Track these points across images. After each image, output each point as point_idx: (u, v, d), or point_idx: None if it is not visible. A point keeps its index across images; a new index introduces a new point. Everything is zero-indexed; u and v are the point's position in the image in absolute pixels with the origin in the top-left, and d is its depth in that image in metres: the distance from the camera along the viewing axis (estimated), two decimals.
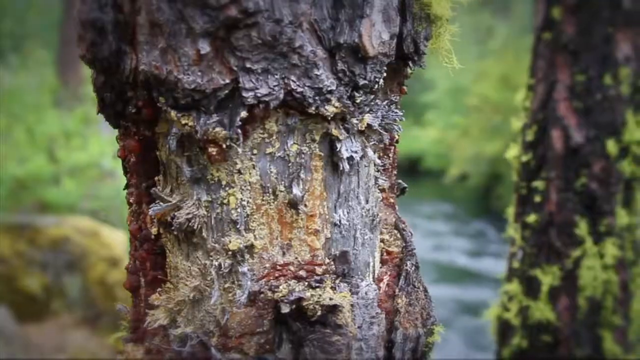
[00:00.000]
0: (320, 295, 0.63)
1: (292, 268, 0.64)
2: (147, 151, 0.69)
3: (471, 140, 12.84)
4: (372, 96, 0.66)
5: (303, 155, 0.64)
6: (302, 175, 0.64)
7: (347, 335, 0.64)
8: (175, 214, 0.65)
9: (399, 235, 0.75)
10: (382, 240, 0.74)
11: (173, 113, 0.62)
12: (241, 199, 0.64)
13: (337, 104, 0.62)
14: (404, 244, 0.74)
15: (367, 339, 0.66)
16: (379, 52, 0.63)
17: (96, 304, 4.28)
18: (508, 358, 1.30)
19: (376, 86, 0.65)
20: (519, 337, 1.29)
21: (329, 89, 0.62)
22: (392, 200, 0.76)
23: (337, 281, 0.65)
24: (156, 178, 0.69)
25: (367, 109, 0.65)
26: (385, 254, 0.74)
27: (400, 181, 0.78)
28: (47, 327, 3.97)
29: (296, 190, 0.63)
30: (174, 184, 0.67)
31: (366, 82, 0.63)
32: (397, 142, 0.76)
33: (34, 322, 3.97)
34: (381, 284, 0.71)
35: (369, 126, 0.65)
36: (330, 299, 0.63)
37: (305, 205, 0.64)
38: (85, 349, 3.95)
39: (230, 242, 0.63)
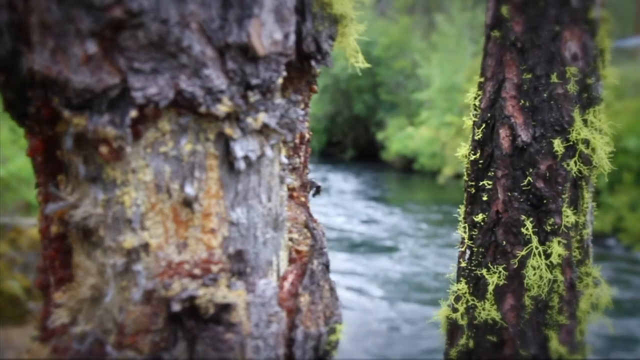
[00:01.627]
0: (213, 293, 0.63)
1: (186, 266, 0.65)
2: (52, 150, 0.70)
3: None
4: (270, 95, 0.66)
5: (197, 154, 0.64)
6: (196, 174, 0.64)
7: (241, 333, 0.64)
8: (72, 212, 0.65)
9: (309, 234, 0.76)
10: (291, 239, 0.75)
11: (66, 113, 0.62)
12: (136, 197, 0.64)
13: (228, 104, 0.63)
14: (312, 243, 0.74)
15: (266, 337, 0.67)
16: (271, 51, 0.63)
17: None
18: (455, 358, 1.31)
19: (273, 85, 0.65)
20: (465, 337, 1.29)
21: (219, 88, 0.62)
22: (303, 199, 0.77)
23: (233, 279, 0.65)
24: (59, 177, 0.69)
25: (263, 108, 0.65)
26: (294, 252, 0.75)
27: (313, 180, 0.78)
28: (29, 329, 3.98)
29: (190, 189, 0.64)
30: (75, 183, 0.67)
31: (259, 81, 0.64)
32: (308, 141, 0.76)
33: (16, 324, 3.98)
34: (285, 283, 0.71)
35: (265, 125, 0.66)
36: (224, 297, 0.63)
37: (201, 204, 0.65)
38: None
39: (125, 240, 0.64)
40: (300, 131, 0.75)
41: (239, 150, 0.64)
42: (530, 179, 1.28)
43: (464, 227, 1.37)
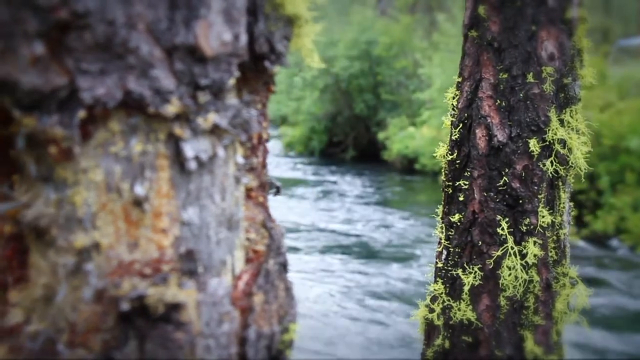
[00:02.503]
0: (163, 292, 0.64)
1: (137, 266, 0.65)
2: (6, 151, 0.70)
3: None
4: (221, 96, 0.66)
5: (147, 155, 0.65)
6: (147, 174, 0.65)
7: (191, 332, 0.65)
8: (24, 212, 0.66)
9: (267, 234, 0.76)
10: (248, 239, 0.75)
11: (17, 113, 0.63)
12: (87, 197, 0.64)
13: (177, 104, 0.63)
14: (269, 243, 0.75)
15: (217, 336, 0.67)
16: (221, 52, 0.64)
17: None
18: (431, 358, 1.31)
19: (224, 86, 0.66)
20: (441, 338, 1.29)
21: (168, 89, 0.63)
22: (261, 200, 0.77)
23: (184, 279, 0.66)
24: (13, 177, 0.70)
25: (214, 109, 0.66)
26: (251, 252, 0.75)
27: (272, 180, 0.79)
28: None
29: (139, 189, 0.64)
30: (28, 183, 0.68)
31: (209, 82, 0.64)
32: (266, 141, 0.77)
33: None
34: (240, 282, 0.71)
35: (216, 126, 0.66)
36: (174, 296, 0.64)
37: (151, 204, 0.65)
38: None
39: (76, 240, 0.64)
40: (258, 131, 0.75)
41: (189, 150, 0.65)
42: (506, 179, 1.28)
43: (441, 227, 1.37)
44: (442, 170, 1.38)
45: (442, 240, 1.34)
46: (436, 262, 1.35)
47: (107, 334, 0.65)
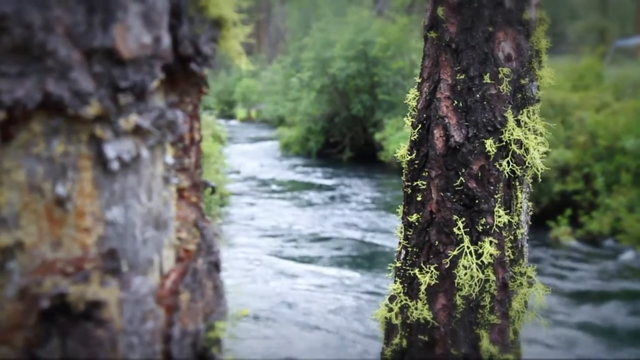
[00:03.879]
0: (84, 290, 0.65)
1: (60, 264, 0.66)
2: None
3: None
4: (144, 97, 0.68)
5: (70, 155, 0.66)
6: (69, 175, 0.66)
7: (112, 330, 0.66)
8: None
9: (198, 233, 0.77)
10: (179, 239, 0.76)
11: None
12: (10, 197, 0.66)
13: (97, 106, 0.64)
14: (199, 242, 0.76)
15: (141, 334, 0.68)
16: (140, 55, 0.65)
17: None
18: (390, 357, 1.32)
19: (146, 87, 0.67)
20: (399, 337, 1.31)
21: (87, 91, 0.64)
22: (194, 200, 0.78)
23: (107, 277, 0.67)
24: None
25: (135, 110, 0.67)
26: (182, 252, 0.76)
27: (207, 181, 0.80)
28: None
29: (61, 189, 0.65)
30: None
31: (129, 84, 0.65)
32: (199, 142, 0.78)
33: None
34: (167, 281, 0.73)
35: (138, 127, 0.67)
36: (95, 294, 0.65)
37: (74, 204, 0.66)
38: None
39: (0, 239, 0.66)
40: (184, 132, 0.76)
41: (110, 151, 0.66)
42: (463, 179, 1.29)
43: (401, 228, 1.38)
44: (403, 170, 1.39)
45: (401, 240, 1.36)
46: (395, 262, 1.37)
47: (29, 332, 0.66)
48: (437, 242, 1.29)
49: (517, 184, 1.31)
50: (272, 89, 25.06)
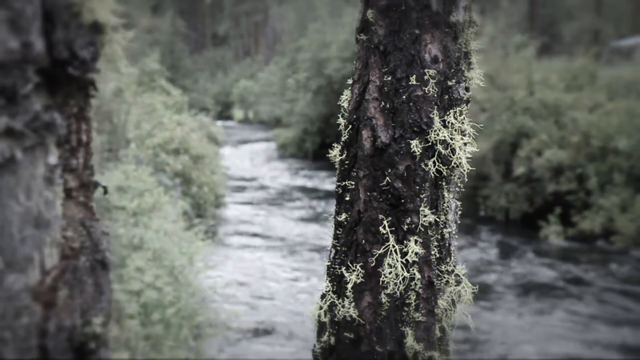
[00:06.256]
0: None
1: None
2: None
3: None
4: (18, 100, 0.70)
5: None
6: None
7: None
8: None
9: (85, 232, 0.79)
10: (65, 237, 0.78)
11: None
12: None
13: None
14: (83, 240, 0.78)
15: (14, 329, 0.70)
16: (8, 59, 0.67)
17: None
18: (320, 354, 1.34)
19: (19, 90, 0.69)
20: (327, 334, 1.33)
21: None
22: (82, 199, 0.80)
23: None
24: None
25: (7, 113, 0.69)
26: (68, 250, 0.78)
27: (97, 181, 0.82)
28: None
29: None
30: None
31: None
32: (87, 144, 0.80)
33: None
34: (47, 278, 0.75)
35: (10, 129, 0.70)
36: None
37: None
38: None
39: None
40: (77, 134, 0.78)
41: None
42: (389, 179, 1.31)
43: (332, 227, 1.40)
44: (336, 171, 1.41)
45: (332, 240, 1.38)
46: (326, 261, 1.39)
47: None
48: (364, 241, 1.32)
49: (444, 183, 1.33)
50: (269, 90, 25.10)
